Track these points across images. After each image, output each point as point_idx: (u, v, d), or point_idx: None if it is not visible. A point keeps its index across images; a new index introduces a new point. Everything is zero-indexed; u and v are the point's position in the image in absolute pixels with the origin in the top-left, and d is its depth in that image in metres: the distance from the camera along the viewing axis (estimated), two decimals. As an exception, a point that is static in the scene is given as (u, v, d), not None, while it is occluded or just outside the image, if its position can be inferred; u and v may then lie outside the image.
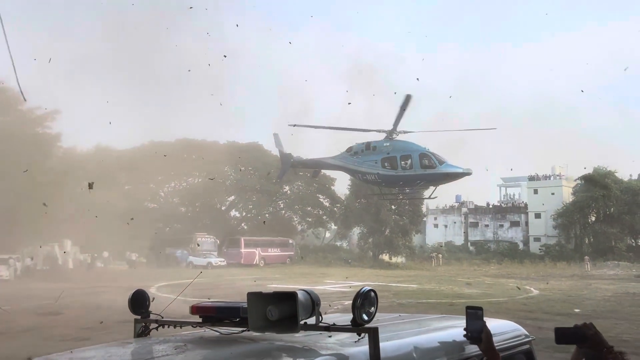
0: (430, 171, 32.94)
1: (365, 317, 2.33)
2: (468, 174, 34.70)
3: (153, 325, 3.10)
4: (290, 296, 2.36)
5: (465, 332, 2.92)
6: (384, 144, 34.23)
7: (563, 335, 3.09)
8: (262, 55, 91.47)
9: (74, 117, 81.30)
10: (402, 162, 33.19)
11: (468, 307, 2.94)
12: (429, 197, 41.70)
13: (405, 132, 34.22)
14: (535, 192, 73.54)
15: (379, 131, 34.86)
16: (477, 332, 2.87)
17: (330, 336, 2.65)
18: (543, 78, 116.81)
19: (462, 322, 3.31)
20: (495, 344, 3.16)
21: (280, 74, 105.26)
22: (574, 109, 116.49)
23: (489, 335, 2.88)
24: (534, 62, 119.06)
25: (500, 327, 3.11)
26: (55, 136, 50.82)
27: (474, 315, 2.90)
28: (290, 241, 65.65)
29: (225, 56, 55.15)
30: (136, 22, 55.28)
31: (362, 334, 2.36)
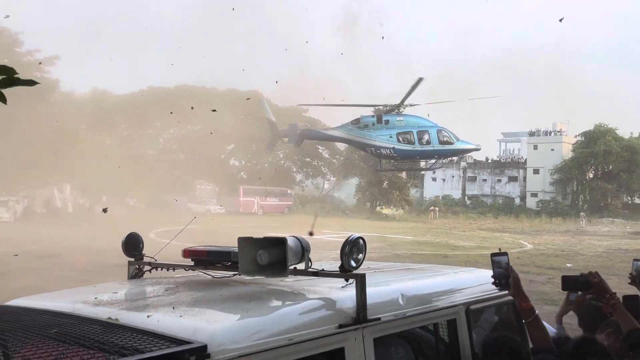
0: (448, 147, 33.91)
1: (353, 264, 2.37)
2: (478, 149, 37.57)
3: (147, 268, 3.16)
4: (280, 241, 2.39)
5: (492, 280, 2.94)
6: (397, 119, 34.11)
7: (569, 282, 3.19)
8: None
9: (72, 62, 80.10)
10: (419, 137, 33.43)
11: (493, 254, 2.94)
12: (429, 168, 43.22)
13: (411, 105, 34.31)
14: (535, 147, 73.29)
15: (384, 106, 35.12)
16: (504, 277, 2.89)
17: (318, 281, 2.70)
18: (549, 33, 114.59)
19: (450, 271, 3.36)
20: (482, 294, 3.22)
21: (277, 24, 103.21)
22: (579, 66, 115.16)
23: (517, 280, 2.89)
24: (540, 15, 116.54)
25: (487, 278, 3.15)
26: (54, 81, 50.13)
27: (500, 261, 2.91)
28: (289, 191, 65.92)
29: None
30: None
31: (350, 280, 2.41)
